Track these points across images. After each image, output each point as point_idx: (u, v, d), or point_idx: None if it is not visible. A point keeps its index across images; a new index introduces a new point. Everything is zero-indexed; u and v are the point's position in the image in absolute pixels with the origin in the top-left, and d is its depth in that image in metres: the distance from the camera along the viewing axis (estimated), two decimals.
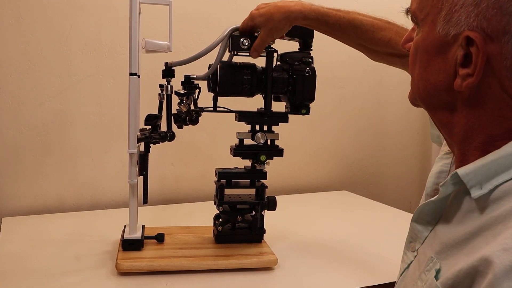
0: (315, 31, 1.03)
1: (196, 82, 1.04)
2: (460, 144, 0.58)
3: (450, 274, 0.52)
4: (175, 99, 1.04)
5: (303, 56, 1.06)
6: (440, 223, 0.61)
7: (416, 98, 0.62)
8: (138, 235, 1.08)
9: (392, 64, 1.00)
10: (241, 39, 1.01)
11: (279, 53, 1.07)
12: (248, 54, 1.04)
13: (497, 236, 0.48)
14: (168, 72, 1.04)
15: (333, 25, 0.98)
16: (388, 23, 1.00)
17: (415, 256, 0.65)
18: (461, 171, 0.54)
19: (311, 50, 1.08)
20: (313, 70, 1.06)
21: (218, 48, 1.03)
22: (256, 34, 1.02)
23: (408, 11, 0.62)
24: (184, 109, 1.03)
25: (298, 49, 1.09)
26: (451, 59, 0.54)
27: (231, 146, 1.10)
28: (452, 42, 0.53)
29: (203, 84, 1.05)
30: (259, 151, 1.08)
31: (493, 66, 0.51)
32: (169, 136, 1.06)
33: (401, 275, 0.68)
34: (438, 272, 0.55)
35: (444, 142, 0.72)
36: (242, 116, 1.08)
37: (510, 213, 0.48)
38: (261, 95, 1.07)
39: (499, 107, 0.52)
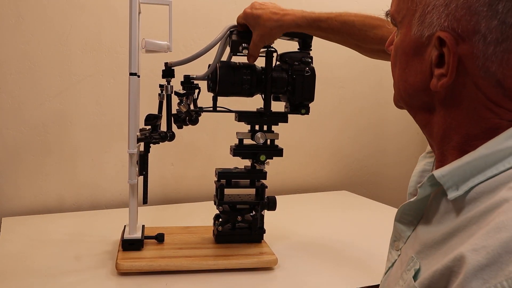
0: None
1: (195, 82, 1.04)
2: (439, 144, 0.58)
3: (427, 274, 0.52)
4: (175, 99, 1.04)
5: (303, 56, 1.06)
6: (421, 223, 0.61)
7: (399, 100, 0.62)
8: (138, 235, 1.08)
9: (389, 60, 1.01)
10: (241, 46, 1.01)
11: (278, 53, 1.07)
12: (247, 55, 1.05)
13: (471, 236, 0.48)
14: (168, 72, 1.04)
15: (326, 29, 1.00)
16: (380, 20, 1.00)
17: (399, 255, 0.65)
18: (437, 173, 0.55)
19: (311, 50, 1.09)
20: (312, 70, 1.06)
21: (216, 47, 1.03)
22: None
23: (387, 14, 0.62)
24: (184, 109, 1.03)
25: (298, 49, 1.09)
26: (427, 60, 0.54)
27: (231, 146, 1.10)
28: (427, 43, 0.54)
29: (203, 84, 1.05)
30: (259, 151, 1.08)
31: (466, 65, 0.51)
32: (169, 136, 1.06)
33: (385, 273, 0.69)
34: (417, 272, 0.56)
35: None
36: (242, 116, 1.08)
37: (483, 214, 0.48)
38: (261, 95, 1.07)
39: (474, 106, 0.53)
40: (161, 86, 1.06)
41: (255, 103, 1.11)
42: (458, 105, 0.54)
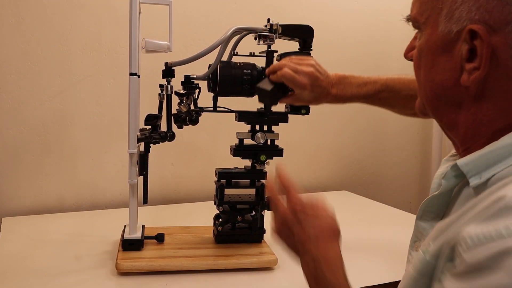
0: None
1: (196, 82, 1.04)
2: (468, 143, 0.58)
3: (435, 246, 0.55)
4: (175, 99, 1.04)
5: None
6: (444, 217, 0.61)
7: (424, 104, 0.62)
8: (138, 235, 1.08)
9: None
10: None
11: (279, 53, 1.07)
12: (248, 55, 1.05)
13: (478, 213, 0.50)
14: (168, 72, 1.04)
15: (374, 101, 1.05)
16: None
17: None
18: (460, 161, 0.56)
19: (311, 50, 1.08)
20: None
21: (218, 48, 1.03)
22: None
23: (408, 19, 0.63)
24: (184, 109, 1.03)
25: (298, 49, 1.09)
26: (456, 55, 0.55)
27: (231, 146, 1.10)
28: (456, 39, 0.54)
29: (203, 84, 1.05)
30: (259, 151, 1.08)
31: (499, 57, 0.51)
32: (169, 136, 1.05)
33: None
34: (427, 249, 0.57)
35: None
36: (242, 116, 1.08)
37: (499, 199, 0.49)
38: None
39: (507, 98, 0.53)
40: (161, 86, 1.06)
41: (255, 103, 1.11)
42: (490, 98, 0.54)
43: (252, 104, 1.11)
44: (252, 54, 1.07)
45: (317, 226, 0.71)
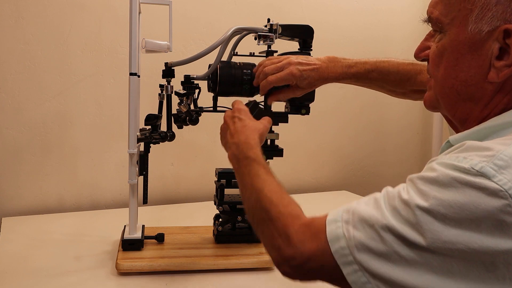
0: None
1: (196, 82, 1.04)
2: None
3: None
4: (175, 99, 1.04)
5: None
6: None
7: (438, 99, 0.66)
8: (138, 235, 1.08)
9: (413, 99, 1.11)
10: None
11: (279, 53, 1.07)
12: (248, 55, 1.05)
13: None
14: (168, 72, 1.04)
15: (364, 81, 1.07)
16: (412, 65, 1.07)
17: None
18: (452, 137, 0.63)
19: (311, 50, 1.08)
20: None
21: (218, 48, 1.02)
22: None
23: (428, 20, 0.66)
24: (184, 109, 1.03)
25: (298, 49, 1.09)
26: (485, 54, 0.59)
27: None
28: (486, 38, 0.58)
29: (203, 84, 1.05)
30: None
31: None
32: (169, 136, 1.06)
33: None
34: None
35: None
36: None
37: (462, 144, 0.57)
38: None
39: None
40: (161, 86, 1.06)
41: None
42: (509, 91, 0.60)
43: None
44: (252, 54, 1.07)
45: (245, 124, 0.86)
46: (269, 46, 1.04)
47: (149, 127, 1.06)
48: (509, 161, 0.51)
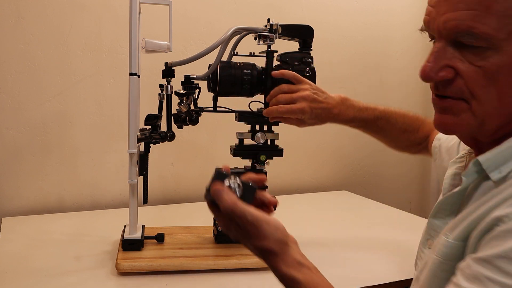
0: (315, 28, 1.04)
1: (196, 82, 1.04)
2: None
3: (457, 232, 0.58)
4: (175, 99, 1.04)
5: (303, 56, 1.06)
6: (458, 213, 0.64)
7: (481, 123, 0.59)
8: (138, 235, 1.08)
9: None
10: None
11: (279, 53, 1.07)
12: (248, 55, 1.05)
13: (505, 201, 0.53)
14: (168, 72, 1.04)
15: (371, 128, 1.09)
16: (416, 117, 1.09)
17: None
18: (482, 158, 0.59)
19: (311, 50, 1.08)
20: (313, 70, 1.06)
21: (218, 48, 1.03)
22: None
23: (469, 35, 0.56)
24: (184, 109, 1.03)
25: (298, 49, 1.09)
26: None
27: (231, 146, 1.10)
28: None
29: (203, 84, 1.05)
30: (259, 151, 1.08)
31: None
32: (169, 136, 1.06)
33: (420, 272, 0.70)
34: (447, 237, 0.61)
35: (462, 148, 0.80)
36: (242, 116, 1.08)
37: None
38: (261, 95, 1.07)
39: None
40: (161, 86, 1.06)
41: (255, 103, 1.11)
42: None
43: (252, 104, 1.11)
44: (252, 54, 1.07)
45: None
46: (269, 46, 1.04)
47: (149, 127, 1.06)
48: None
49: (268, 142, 1.09)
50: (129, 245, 1.05)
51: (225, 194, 0.63)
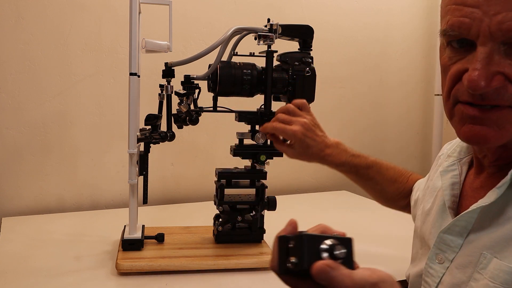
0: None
1: (196, 82, 1.04)
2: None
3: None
4: (175, 99, 1.04)
5: (303, 56, 1.06)
6: (479, 226, 0.62)
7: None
8: (138, 235, 1.08)
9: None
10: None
11: (279, 53, 1.07)
12: (248, 55, 1.05)
13: None
14: (168, 72, 1.04)
15: (362, 175, 1.05)
16: (404, 170, 1.08)
17: (447, 267, 0.65)
18: None
19: (311, 50, 1.08)
20: (313, 70, 1.05)
21: (218, 48, 1.03)
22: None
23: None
24: (184, 109, 1.03)
25: (298, 49, 1.09)
26: None
27: (231, 146, 1.10)
28: None
29: (203, 84, 1.05)
30: (259, 151, 1.08)
31: None
32: (169, 136, 1.05)
33: None
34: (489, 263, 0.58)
35: (444, 155, 0.78)
36: (242, 116, 1.08)
37: None
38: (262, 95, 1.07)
39: None
40: (161, 86, 1.06)
41: (255, 103, 1.11)
42: None
43: (252, 104, 1.11)
44: (252, 54, 1.07)
45: None
46: (269, 46, 1.04)
47: (149, 127, 1.06)
48: None
49: (268, 142, 1.09)
50: (129, 245, 1.05)
51: (335, 272, 0.48)
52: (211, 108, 1.07)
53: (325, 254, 0.50)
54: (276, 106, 1.08)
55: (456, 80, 0.59)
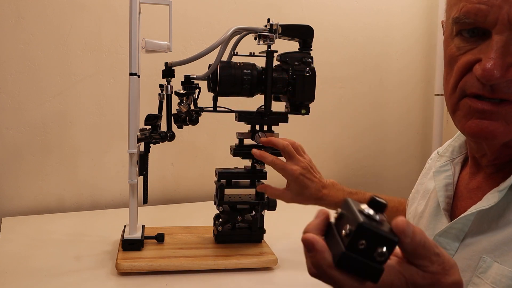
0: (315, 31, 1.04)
1: (196, 82, 1.04)
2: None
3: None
4: (175, 99, 1.04)
5: (303, 56, 1.06)
6: (477, 228, 0.61)
7: None
8: (138, 235, 1.08)
9: None
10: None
11: (279, 53, 1.07)
12: (248, 55, 1.05)
13: None
14: (168, 72, 1.04)
15: None
16: (398, 201, 1.07)
17: None
18: None
19: (311, 50, 1.08)
20: (313, 70, 1.05)
21: (218, 48, 1.03)
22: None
23: None
24: (184, 109, 1.03)
25: (298, 49, 1.09)
26: None
27: (231, 146, 1.10)
28: None
29: (203, 84, 1.05)
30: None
31: None
32: (169, 136, 1.06)
33: None
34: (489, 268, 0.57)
35: (435, 157, 0.77)
36: (242, 116, 1.08)
37: None
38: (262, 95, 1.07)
39: None
40: (161, 86, 1.06)
41: (255, 102, 1.11)
42: None
43: (252, 104, 1.11)
44: (252, 54, 1.07)
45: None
46: (269, 46, 1.04)
47: (149, 127, 1.06)
48: None
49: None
50: (129, 245, 1.05)
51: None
52: (211, 108, 1.07)
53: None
54: (276, 106, 1.08)
55: (465, 71, 0.56)
